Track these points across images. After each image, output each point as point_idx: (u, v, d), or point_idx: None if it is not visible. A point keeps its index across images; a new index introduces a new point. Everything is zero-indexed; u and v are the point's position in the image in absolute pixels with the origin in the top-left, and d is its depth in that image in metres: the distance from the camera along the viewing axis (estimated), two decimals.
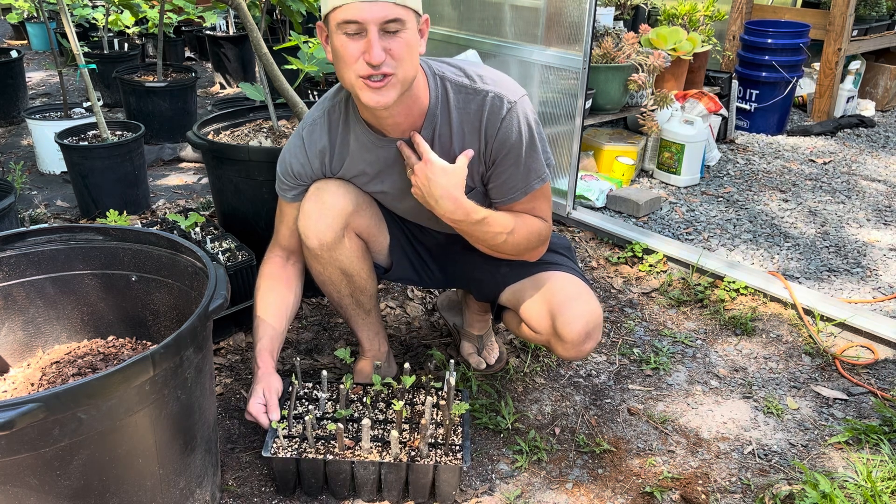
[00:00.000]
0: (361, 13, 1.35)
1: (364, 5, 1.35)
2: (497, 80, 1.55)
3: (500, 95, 1.52)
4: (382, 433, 1.62)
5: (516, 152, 1.54)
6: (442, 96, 1.54)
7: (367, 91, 1.42)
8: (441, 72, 1.55)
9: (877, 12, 4.58)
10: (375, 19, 1.36)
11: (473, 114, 1.53)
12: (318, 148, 1.63)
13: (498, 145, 1.54)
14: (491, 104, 1.52)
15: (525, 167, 1.57)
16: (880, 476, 1.64)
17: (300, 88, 3.64)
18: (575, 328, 1.60)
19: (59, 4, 2.93)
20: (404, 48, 1.40)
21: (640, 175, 3.62)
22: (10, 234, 1.60)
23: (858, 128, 4.37)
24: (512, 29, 3.12)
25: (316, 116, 1.64)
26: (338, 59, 1.43)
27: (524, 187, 1.59)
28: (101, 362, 1.65)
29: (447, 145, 1.57)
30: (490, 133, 1.53)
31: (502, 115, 1.52)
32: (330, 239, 1.66)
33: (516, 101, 1.53)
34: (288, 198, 1.71)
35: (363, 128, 1.59)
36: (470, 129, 1.55)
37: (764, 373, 2.10)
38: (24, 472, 1.12)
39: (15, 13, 6.66)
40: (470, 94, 1.53)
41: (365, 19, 1.35)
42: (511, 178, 1.58)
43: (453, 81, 1.54)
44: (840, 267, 2.70)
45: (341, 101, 1.62)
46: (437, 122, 1.55)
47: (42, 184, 3.54)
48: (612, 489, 1.67)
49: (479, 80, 1.54)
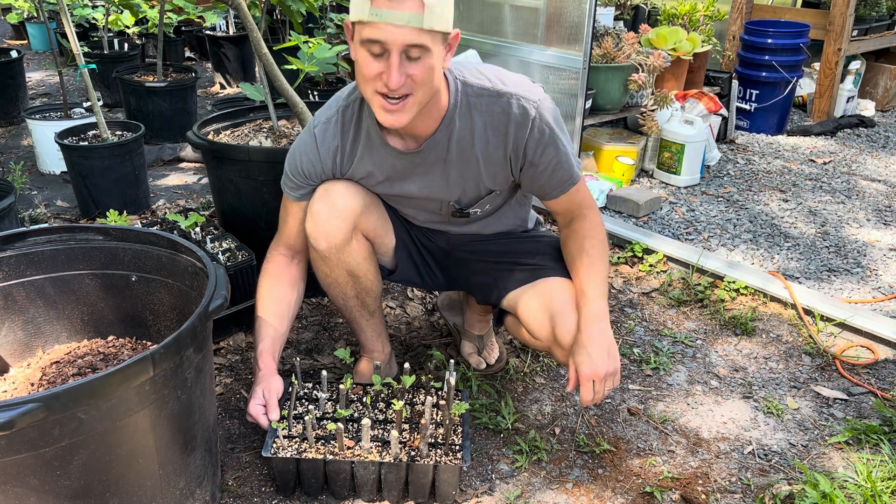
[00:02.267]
0: (386, 35, 1.34)
1: (392, 28, 1.33)
2: (517, 82, 1.55)
3: (525, 97, 1.53)
4: (382, 433, 1.62)
5: (553, 148, 1.56)
6: (462, 100, 1.54)
7: (383, 112, 1.43)
8: (462, 76, 1.55)
9: (877, 12, 4.58)
10: (399, 43, 1.34)
11: (497, 116, 1.54)
12: (332, 147, 1.63)
13: (533, 145, 1.55)
14: (517, 107, 1.52)
15: (565, 158, 1.59)
16: (880, 476, 1.64)
17: (300, 88, 3.64)
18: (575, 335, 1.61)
19: (59, 4, 2.92)
20: (425, 73, 1.39)
21: (640, 175, 3.62)
22: (10, 234, 1.60)
23: (858, 128, 4.37)
24: (512, 29, 3.12)
25: (330, 115, 1.63)
26: (358, 71, 1.43)
27: (570, 178, 1.62)
28: (101, 362, 1.65)
29: (468, 148, 1.58)
30: (520, 135, 1.54)
31: (532, 117, 1.52)
32: (339, 241, 1.65)
33: (539, 100, 1.54)
34: (294, 197, 1.70)
35: (377, 131, 1.58)
36: (494, 131, 1.55)
37: (764, 373, 2.10)
38: (24, 472, 1.12)
39: (15, 13, 6.65)
40: (493, 97, 1.54)
41: (389, 42, 1.34)
42: (557, 171, 1.60)
43: (474, 85, 1.54)
44: (840, 267, 2.70)
45: (355, 101, 1.61)
46: (456, 125, 1.55)
47: (42, 184, 3.54)
48: (612, 489, 1.67)
49: (499, 82, 1.54)
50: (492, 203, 1.71)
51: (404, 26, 1.33)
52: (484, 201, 1.69)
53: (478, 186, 1.65)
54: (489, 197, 1.68)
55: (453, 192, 1.66)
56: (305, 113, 2.32)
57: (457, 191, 1.66)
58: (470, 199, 1.68)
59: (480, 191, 1.66)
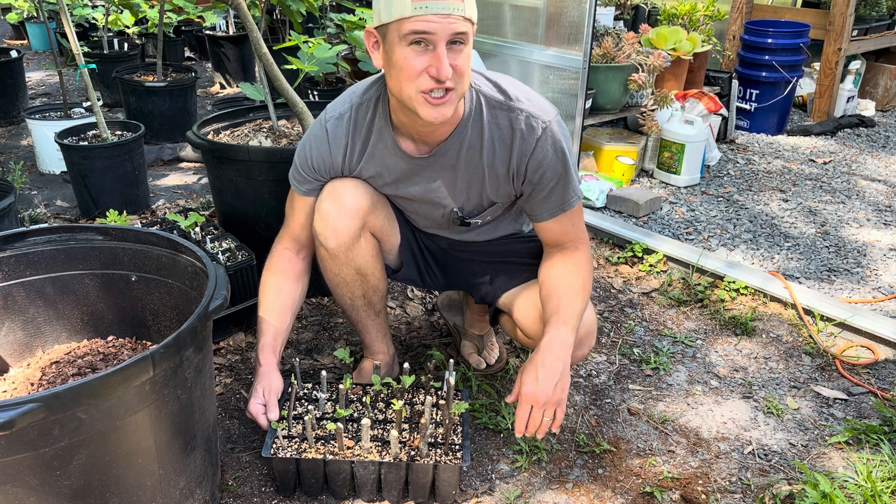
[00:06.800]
0: (434, 26, 1.33)
1: (438, 18, 1.32)
2: (530, 99, 1.54)
3: (535, 115, 1.52)
4: (382, 433, 1.62)
5: (553, 171, 1.54)
6: (476, 109, 1.54)
7: (427, 107, 1.40)
8: (477, 85, 1.55)
9: (877, 12, 4.58)
10: (446, 33, 1.34)
11: (505, 129, 1.53)
12: (342, 143, 1.61)
13: (535, 165, 1.54)
14: (525, 123, 1.52)
15: (563, 185, 1.57)
16: (880, 476, 1.64)
17: (300, 88, 3.64)
18: None
19: (59, 4, 2.92)
20: (466, 63, 1.40)
21: (640, 175, 3.62)
22: (10, 234, 1.60)
23: (858, 128, 4.37)
24: (512, 29, 3.12)
25: (343, 111, 1.61)
26: (398, 71, 1.40)
27: (562, 204, 1.59)
28: (101, 362, 1.65)
29: (476, 157, 1.57)
30: (524, 152, 1.53)
31: (537, 136, 1.51)
32: (348, 239, 1.65)
33: (550, 120, 1.53)
34: (302, 190, 1.69)
35: (390, 134, 1.57)
36: (500, 144, 1.55)
37: (764, 373, 2.10)
38: (24, 472, 1.12)
39: (15, 13, 6.65)
40: (503, 111, 1.53)
41: (438, 32, 1.34)
42: (551, 195, 1.58)
43: (488, 96, 1.54)
44: (840, 267, 2.70)
45: (371, 100, 1.59)
46: (468, 133, 1.55)
47: (42, 184, 3.54)
48: (612, 489, 1.67)
49: (513, 97, 1.54)
50: (492, 214, 1.71)
51: (450, 15, 1.33)
52: (486, 213, 1.69)
53: (481, 196, 1.64)
54: (491, 209, 1.68)
55: (458, 200, 1.66)
56: (305, 113, 2.32)
57: (461, 199, 1.65)
58: (473, 207, 1.68)
59: (483, 201, 1.66)
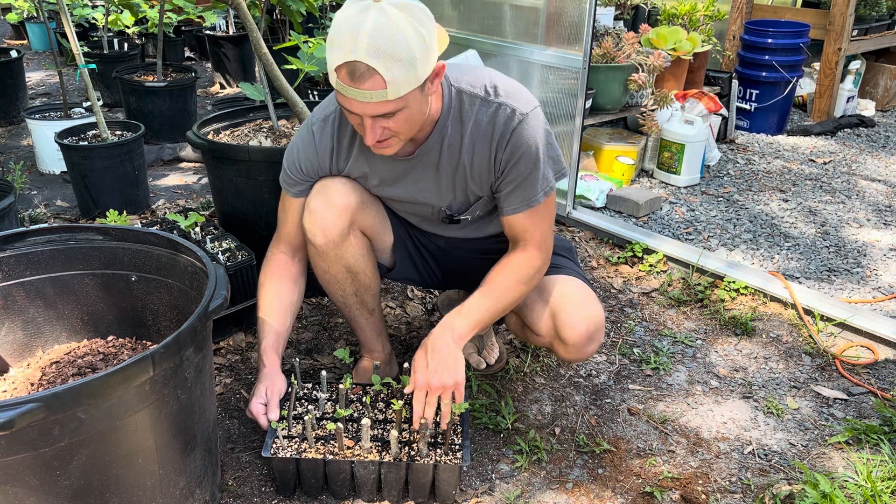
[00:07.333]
0: (354, 107, 1.38)
1: (356, 102, 1.36)
2: (510, 92, 1.54)
3: (512, 107, 1.52)
4: (382, 433, 1.62)
5: (524, 163, 1.54)
6: (455, 107, 1.54)
7: (371, 146, 1.47)
8: (458, 84, 1.55)
9: (877, 12, 4.58)
10: (369, 113, 1.37)
11: (485, 125, 1.54)
12: (328, 145, 1.63)
13: (508, 154, 1.54)
14: (502, 115, 1.52)
15: (531, 179, 1.56)
16: (880, 476, 1.64)
17: (300, 88, 3.64)
18: (577, 331, 1.61)
19: (59, 4, 2.92)
20: (404, 123, 1.42)
21: (640, 175, 3.62)
22: (10, 234, 1.60)
23: (858, 128, 4.37)
24: (512, 29, 3.12)
25: (328, 113, 1.63)
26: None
27: (528, 199, 1.57)
28: (101, 362, 1.65)
29: (456, 155, 1.58)
30: (501, 143, 1.53)
31: (513, 126, 1.52)
32: (336, 236, 1.66)
33: (528, 112, 1.52)
34: (292, 193, 1.70)
35: None
36: (480, 140, 1.55)
37: (764, 373, 2.10)
38: (24, 472, 1.12)
39: (15, 13, 6.65)
40: (483, 106, 1.53)
41: (359, 112, 1.38)
42: (517, 189, 1.57)
43: (468, 93, 1.54)
44: (840, 267, 2.70)
45: None
46: (448, 131, 1.55)
47: (42, 184, 3.54)
48: (612, 489, 1.67)
49: (493, 92, 1.54)
50: (482, 208, 1.71)
51: (369, 102, 1.35)
52: (474, 207, 1.69)
53: (466, 193, 1.65)
54: (478, 203, 1.67)
55: (444, 199, 1.66)
56: (305, 113, 2.32)
57: (448, 197, 1.66)
58: (460, 205, 1.68)
59: (469, 197, 1.66)
